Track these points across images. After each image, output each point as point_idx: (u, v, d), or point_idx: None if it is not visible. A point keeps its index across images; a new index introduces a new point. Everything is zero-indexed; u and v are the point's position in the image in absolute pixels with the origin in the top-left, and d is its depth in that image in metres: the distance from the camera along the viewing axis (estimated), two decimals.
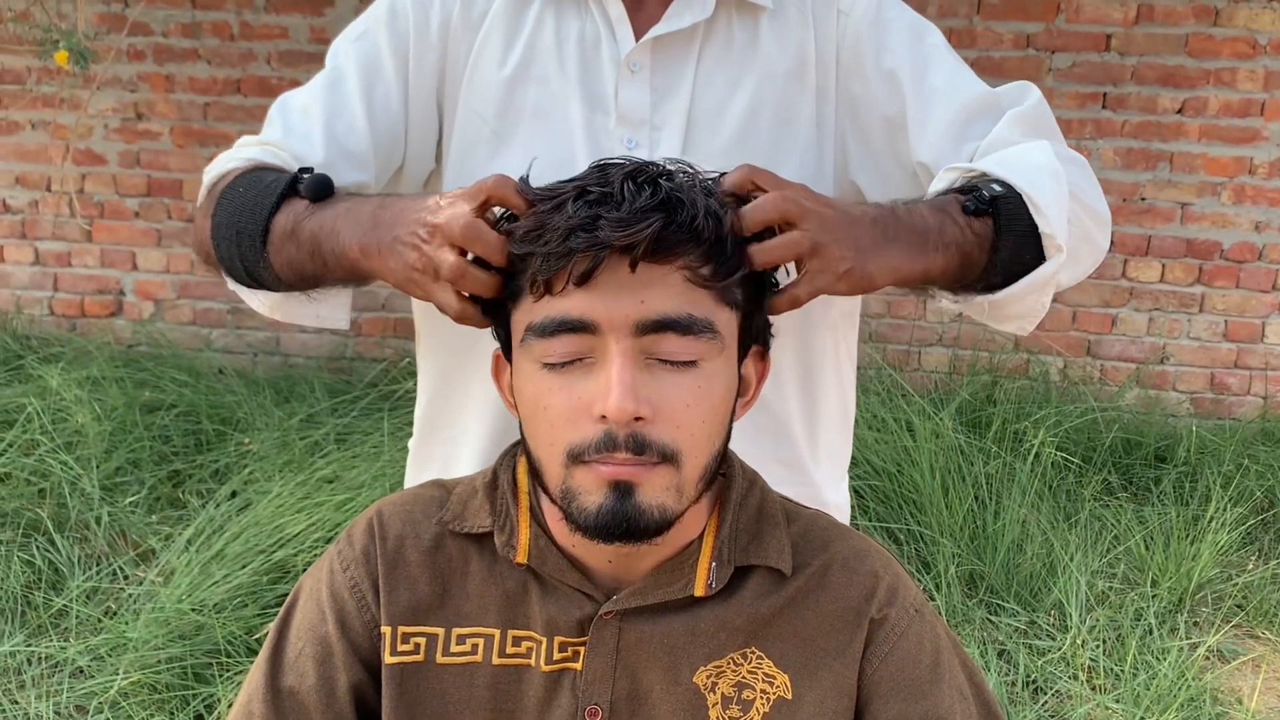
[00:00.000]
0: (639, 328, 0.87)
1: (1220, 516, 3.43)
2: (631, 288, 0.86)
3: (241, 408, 3.96)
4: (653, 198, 0.87)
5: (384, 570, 1.00)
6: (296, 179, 1.10)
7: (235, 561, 2.91)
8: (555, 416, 0.89)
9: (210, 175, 1.19)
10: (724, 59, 1.26)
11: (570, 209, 0.87)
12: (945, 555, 3.18)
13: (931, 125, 1.24)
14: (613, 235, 0.85)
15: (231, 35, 4.41)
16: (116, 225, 4.61)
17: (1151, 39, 4.13)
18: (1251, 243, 4.24)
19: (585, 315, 0.87)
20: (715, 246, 0.89)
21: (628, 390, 0.86)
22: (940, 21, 4.18)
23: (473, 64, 1.27)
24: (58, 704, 2.54)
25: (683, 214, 0.87)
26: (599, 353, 0.88)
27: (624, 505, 0.87)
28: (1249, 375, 4.35)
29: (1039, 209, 1.07)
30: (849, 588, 0.99)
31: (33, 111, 4.54)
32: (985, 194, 1.06)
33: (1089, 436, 4.00)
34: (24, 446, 3.52)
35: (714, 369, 0.91)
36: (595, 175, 0.91)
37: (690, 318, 0.88)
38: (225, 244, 1.13)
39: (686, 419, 0.89)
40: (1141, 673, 2.81)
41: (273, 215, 1.08)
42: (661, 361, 0.88)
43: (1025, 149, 1.16)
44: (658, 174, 0.90)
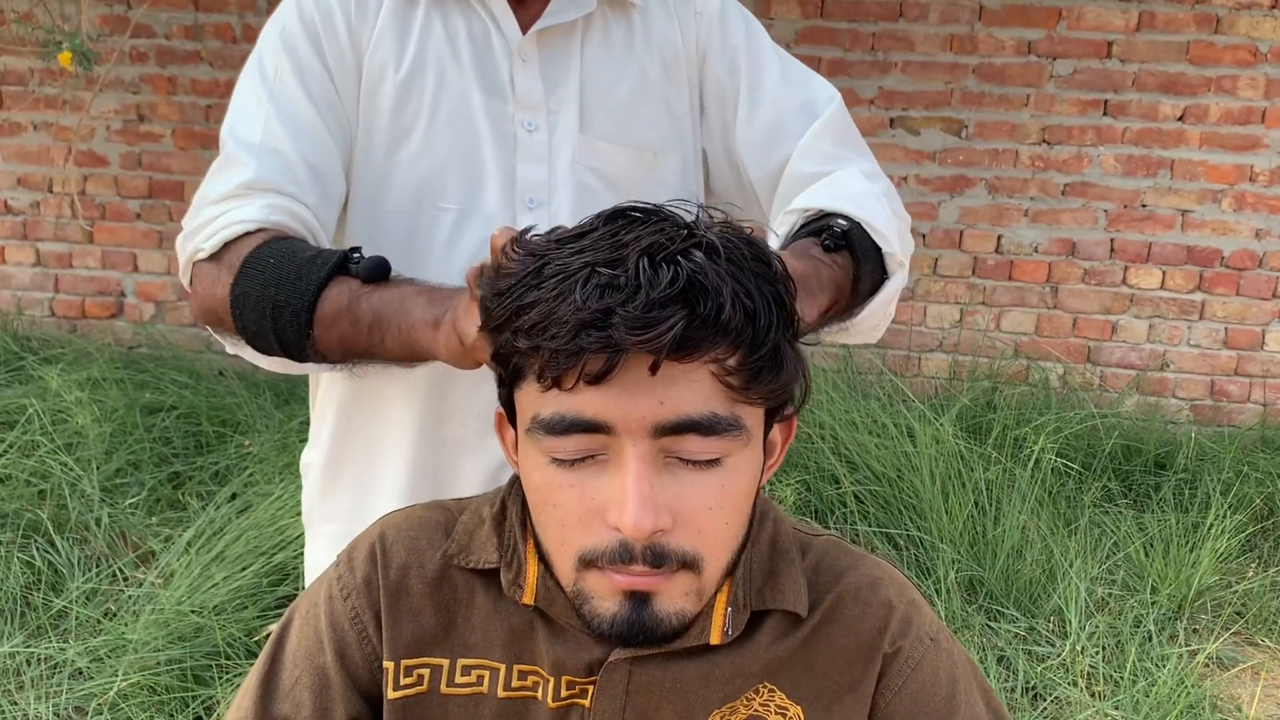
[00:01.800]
0: (658, 430, 0.79)
1: (1220, 524, 3.43)
2: (650, 386, 0.78)
3: (242, 410, 3.96)
4: (673, 284, 0.76)
5: (387, 602, 0.95)
6: (348, 257, 1.11)
7: (235, 563, 2.91)
8: (565, 516, 0.83)
9: (209, 239, 1.17)
10: (605, 48, 1.36)
11: (579, 296, 0.76)
12: (945, 561, 3.18)
13: (755, 124, 1.38)
14: (629, 337, 0.75)
15: (234, 37, 4.42)
16: (118, 227, 4.61)
17: (1153, 46, 4.13)
18: (1252, 250, 4.24)
19: (599, 416, 0.79)
20: (744, 334, 0.79)
21: (645, 504, 0.79)
22: (941, 28, 4.19)
23: (369, 60, 1.31)
24: (57, 705, 2.53)
25: (708, 304, 0.77)
26: (613, 451, 0.80)
27: (640, 615, 0.83)
28: (1249, 382, 4.35)
29: (879, 232, 1.21)
30: (862, 620, 0.96)
31: (35, 113, 4.54)
32: (836, 229, 1.18)
33: (1089, 443, 4.00)
34: (24, 448, 3.52)
35: (739, 462, 0.83)
36: (606, 244, 0.80)
37: (714, 417, 0.80)
38: (254, 315, 1.13)
39: (709, 523, 0.83)
40: (1141, 680, 2.81)
41: (321, 290, 1.09)
42: (682, 461, 0.81)
43: (842, 180, 1.30)
44: (677, 250, 0.79)
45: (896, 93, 4.27)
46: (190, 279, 1.22)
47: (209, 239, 1.17)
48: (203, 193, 1.25)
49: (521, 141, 1.33)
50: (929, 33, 4.21)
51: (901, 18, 4.21)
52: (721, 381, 0.79)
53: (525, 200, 1.34)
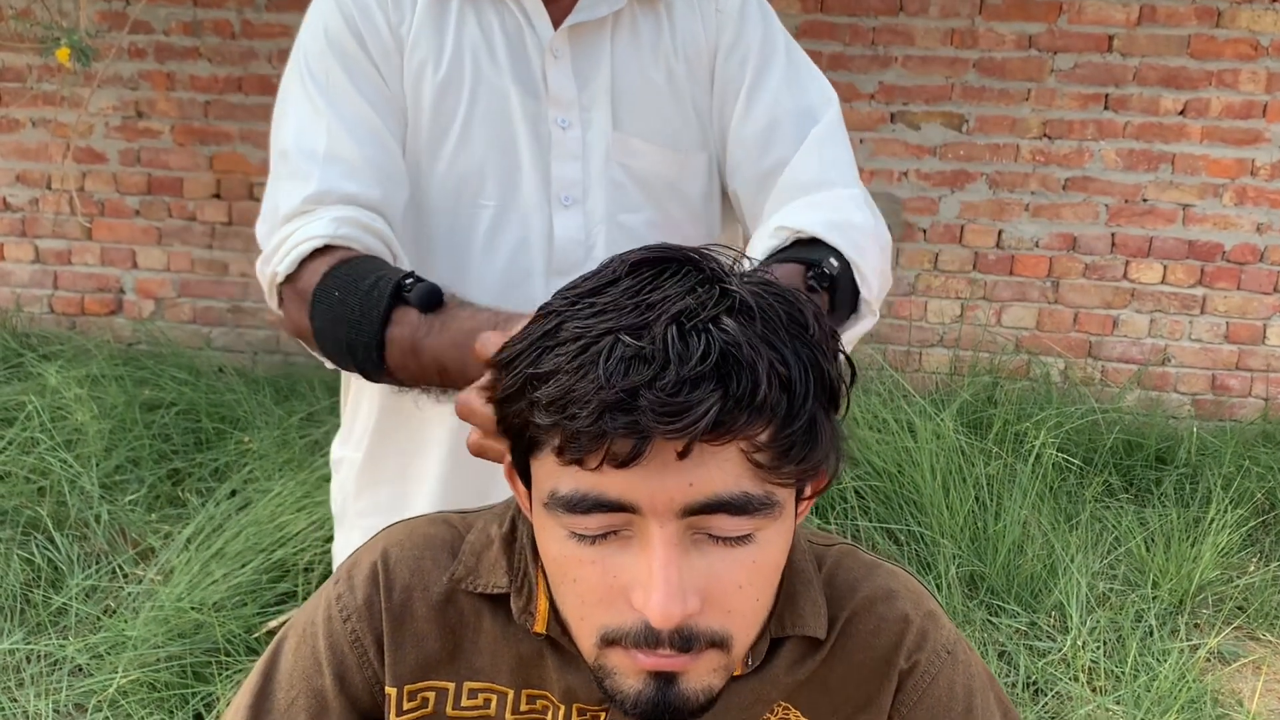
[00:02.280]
0: (686, 510, 0.74)
1: (1221, 518, 3.43)
2: (678, 467, 0.72)
3: (241, 406, 3.95)
4: (704, 360, 0.70)
5: (389, 626, 0.92)
6: (401, 286, 1.09)
7: (235, 560, 2.90)
8: (586, 593, 0.78)
9: (283, 261, 1.18)
10: (634, 45, 1.36)
11: (603, 372, 0.70)
12: (946, 556, 3.18)
13: (750, 122, 1.37)
14: (657, 425, 0.69)
15: (233, 33, 4.41)
16: (117, 223, 4.60)
17: (1154, 40, 4.13)
18: (1253, 244, 4.24)
19: (623, 497, 0.73)
20: (779, 414, 0.73)
21: (674, 594, 0.74)
22: (942, 22, 4.18)
23: (409, 56, 1.31)
24: (57, 702, 2.53)
25: (742, 383, 0.71)
26: (637, 529, 0.75)
27: (666, 694, 0.78)
28: (1250, 377, 4.34)
29: (865, 279, 1.23)
30: (878, 635, 0.93)
31: (33, 109, 4.54)
32: (826, 271, 1.18)
33: (1090, 438, 3.99)
34: (23, 444, 3.51)
35: (771, 535, 0.78)
36: (630, 304, 0.74)
37: (746, 496, 0.74)
38: (335, 353, 1.14)
39: (739, 601, 0.78)
40: (1142, 674, 2.81)
41: (384, 327, 1.08)
42: (711, 537, 0.76)
43: (842, 206, 1.29)
44: (709, 317, 0.72)
45: (897, 87, 4.26)
46: (278, 301, 1.23)
47: (283, 261, 1.18)
48: (271, 206, 1.25)
49: (556, 139, 1.34)
50: (929, 27, 4.20)
51: (902, 12, 4.20)
52: (750, 459, 0.73)
53: (561, 198, 1.35)
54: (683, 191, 1.40)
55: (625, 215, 1.38)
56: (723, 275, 0.76)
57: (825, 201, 1.30)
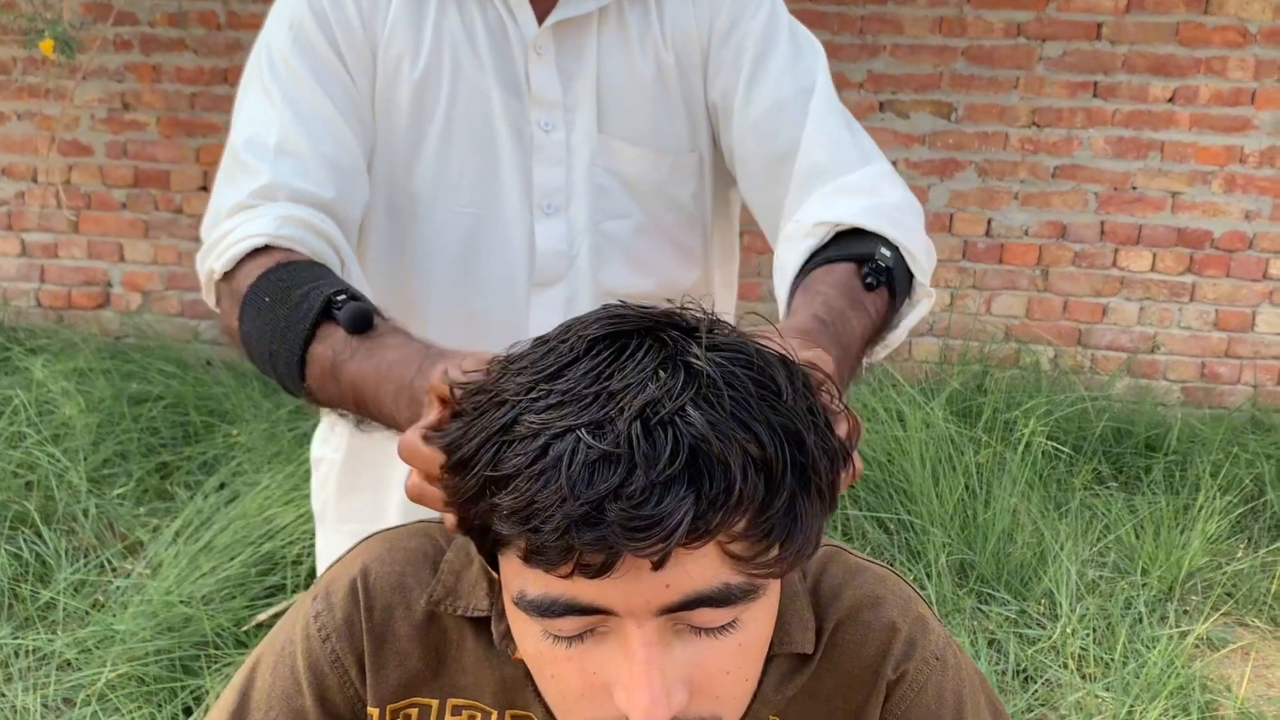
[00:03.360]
0: (664, 609, 0.70)
1: (1210, 505, 3.44)
2: (653, 573, 0.68)
3: (229, 399, 3.94)
4: (674, 459, 0.65)
5: (371, 646, 0.89)
6: (330, 302, 1.01)
7: (223, 553, 2.90)
8: (566, 689, 0.75)
9: (221, 259, 1.11)
10: (621, 41, 1.29)
11: (565, 481, 0.65)
12: (936, 544, 3.18)
13: (753, 107, 1.29)
14: (627, 541, 0.64)
15: (218, 25, 4.39)
16: (103, 216, 4.58)
17: (1142, 27, 4.12)
18: (1242, 232, 4.24)
19: (597, 603, 0.70)
20: (756, 501, 0.68)
21: (659, 698, 0.70)
22: (930, 10, 4.18)
23: (384, 51, 1.25)
24: (45, 696, 2.52)
25: (715, 482, 0.65)
26: (615, 626, 0.71)
27: None
28: (1239, 364, 4.35)
29: (916, 260, 1.15)
30: (865, 645, 0.91)
31: (18, 102, 4.51)
32: (881, 264, 1.11)
33: (1079, 426, 4.00)
34: (10, 438, 3.50)
35: (756, 614, 0.75)
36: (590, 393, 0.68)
37: (727, 589, 0.70)
38: (259, 359, 1.07)
39: (727, 686, 0.75)
40: (1131, 661, 2.81)
41: (309, 343, 1.01)
42: (693, 628, 0.72)
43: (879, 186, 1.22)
44: (674, 409, 0.66)
45: (885, 76, 4.25)
46: (215, 299, 1.16)
47: (220, 258, 1.11)
48: (215, 204, 1.18)
49: (538, 143, 1.28)
50: (918, 15, 4.20)
51: (890, 0, 4.20)
52: (726, 551, 0.69)
53: (543, 205, 1.29)
54: (671, 194, 1.34)
55: (610, 223, 1.32)
56: (685, 348, 0.70)
57: (859, 185, 1.22)
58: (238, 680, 0.93)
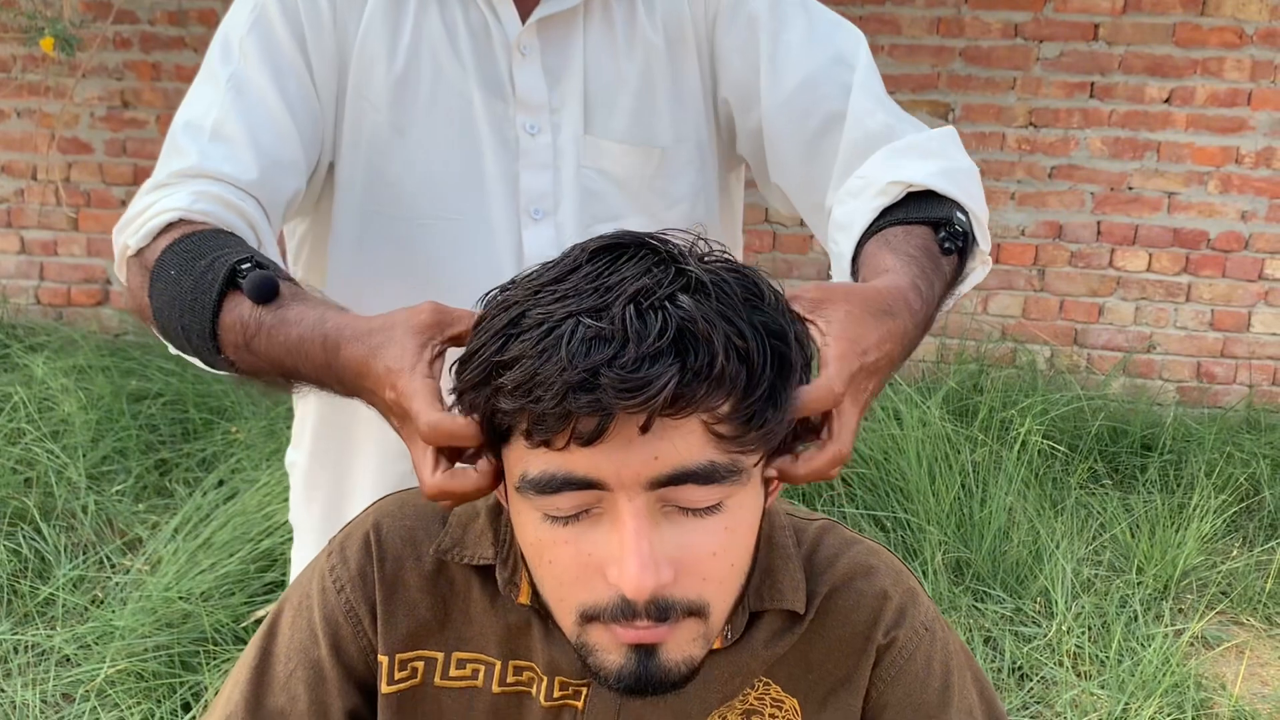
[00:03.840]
0: (653, 483, 0.75)
1: (1205, 504, 3.45)
2: (643, 442, 0.74)
3: (228, 396, 3.95)
4: (662, 335, 0.72)
5: (382, 595, 0.93)
6: (235, 271, 0.97)
7: (222, 550, 2.90)
8: (562, 573, 0.80)
9: (136, 234, 1.06)
10: (608, 36, 1.25)
11: (565, 353, 0.72)
12: (932, 543, 3.19)
13: (781, 87, 1.25)
14: (618, 400, 0.71)
15: (218, 23, 4.38)
16: (103, 214, 4.59)
17: (1139, 28, 4.14)
18: (1238, 232, 4.25)
19: (591, 474, 0.75)
20: (739, 386, 0.75)
21: (646, 565, 0.75)
22: (928, 11, 4.19)
23: (359, 50, 1.20)
24: (44, 692, 2.53)
25: (700, 356, 0.72)
26: (608, 505, 0.77)
27: (647, 666, 0.79)
28: (1235, 364, 4.37)
29: (982, 226, 1.13)
30: (856, 611, 0.94)
31: (18, 100, 4.52)
32: (959, 228, 1.08)
33: (1075, 425, 4.01)
34: (10, 435, 3.51)
35: (740, 502, 0.79)
36: (589, 288, 0.76)
37: (712, 466, 0.76)
38: (172, 335, 1.03)
39: (713, 568, 0.79)
40: (1126, 659, 2.83)
41: (217, 315, 0.97)
42: (681, 509, 0.77)
43: (948, 150, 1.18)
44: (665, 295, 0.74)
45: (883, 76, 4.22)
46: (125, 275, 1.11)
47: (135, 234, 1.07)
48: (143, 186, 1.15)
49: (524, 147, 1.24)
50: (915, 15, 4.21)
51: (888, 1, 4.21)
52: (712, 431, 0.75)
53: (530, 211, 1.25)
54: (665, 190, 1.29)
55: (601, 225, 1.25)
56: (679, 256, 0.78)
57: (928, 146, 1.17)
58: (258, 639, 0.97)
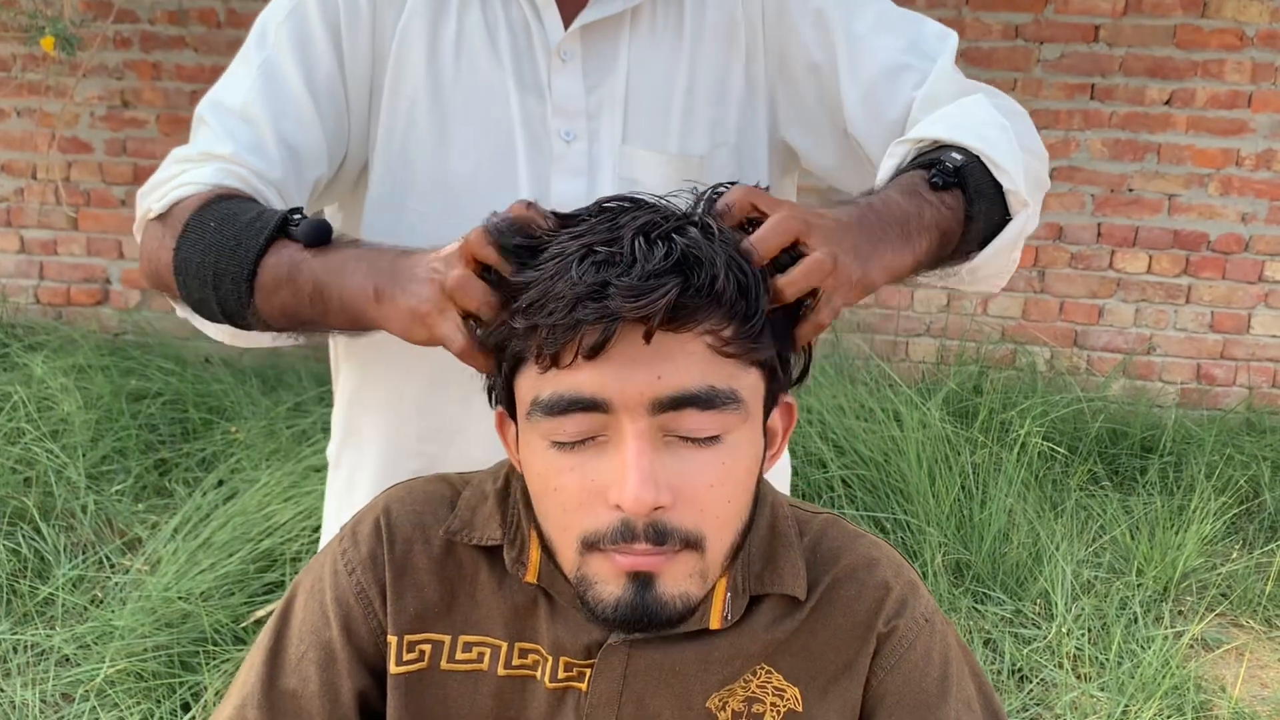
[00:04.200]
0: (656, 405, 0.79)
1: (1205, 506, 3.45)
2: (646, 360, 0.78)
3: (228, 396, 3.95)
4: (667, 258, 0.78)
5: (392, 576, 0.95)
6: (287, 219, 1.02)
7: (222, 550, 2.90)
8: (567, 500, 0.83)
9: (161, 200, 1.10)
10: (653, 41, 1.22)
11: (575, 273, 0.78)
12: (932, 544, 3.19)
13: (860, 79, 1.22)
14: (624, 306, 0.76)
15: (218, 22, 4.39)
16: (102, 213, 4.59)
17: (1140, 30, 4.14)
18: (1238, 234, 4.26)
19: (596, 394, 0.79)
20: (738, 306, 0.81)
21: (645, 479, 0.79)
22: (929, 12, 4.17)
23: (398, 45, 1.20)
24: (44, 692, 2.53)
25: (701, 275, 0.78)
26: (612, 430, 0.80)
27: (644, 598, 0.82)
28: (1234, 366, 4.37)
29: (1000, 167, 1.08)
30: (858, 600, 0.96)
31: (18, 99, 4.51)
32: (949, 165, 1.05)
33: (1075, 426, 4.01)
34: (9, 435, 3.51)
35: (738, 439, 0.83)
36: (603, 227, 0.82)
37: (712, 390, 0.80)
38: (195, 282, 1.05)
39: (710, 500, 0.82)
40: (1126, 661, 2.83)
41: (260, 257, 1.01)
42: (682, 439, 0.81)
43: (964, 106, 1.15)
44: (671, 228, 0.80)
45: None
46: (141, 238, 1.15)
47: (160, 199, 1.10)
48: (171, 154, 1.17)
49: (558, 153, 1.21)
50: None
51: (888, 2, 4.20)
52: (717, 349, 0.80)
53: None
54: None
55: None
56: (684, 212, 0.85)
57: (947, 111, 1.15)
58: (273, 622, 0.99)
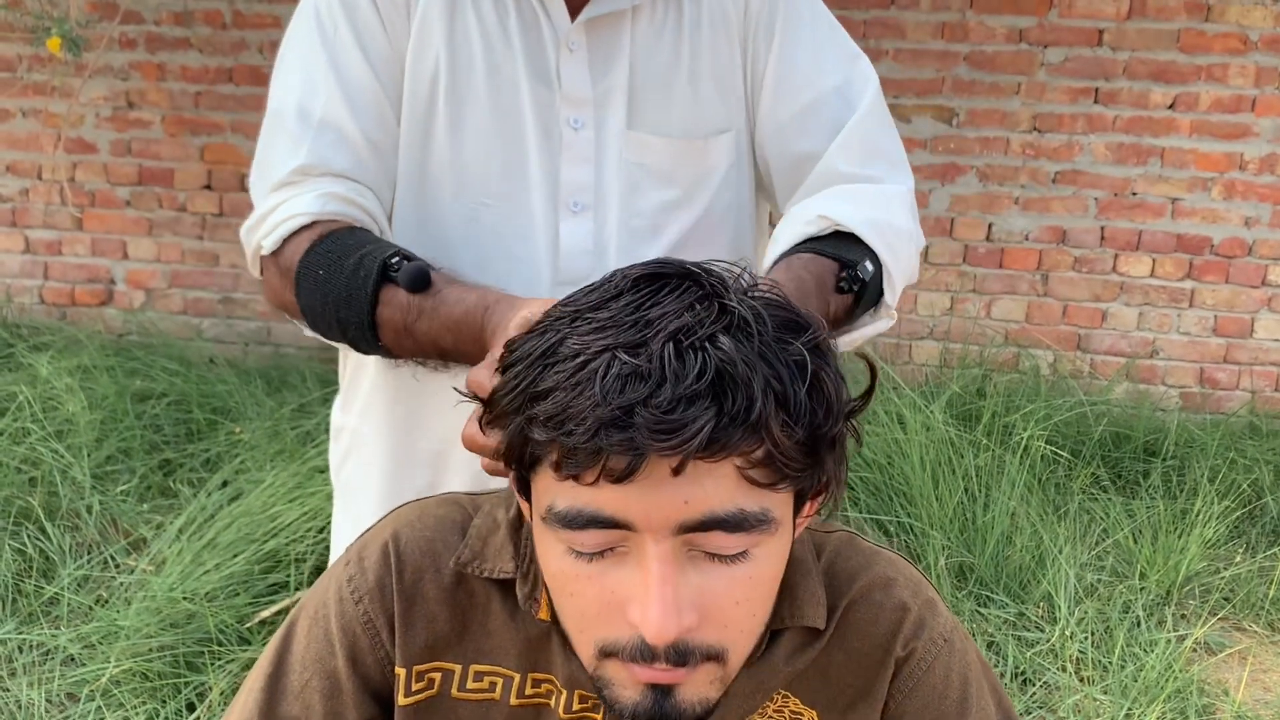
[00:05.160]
0: (681, 528, 0.74)
1: (1207, 510, 3.45)
2: (674, 485, 0.73)
3: (233, 397, 3.95)
4: (700, 378, 0.70)
5: (401, 607, 0.93)
6: (387, 266, 1.08)
7: (227, 550, 2.91)
8: (585, 607, 0.79)
9: (269, 236, 1.17)
10: (655, 32, 1.28)
11: (599, 389, 0.71)
12: (935, 547, 3.20)
13: (784, 103, 1.30)
14: (652, 441, 0.70)
15: (224, 24, 4.40)
16: (107, 214, 4.60)
17: (1143, 34, 4.14)
18: (1241, 238, 4.26)
19: (619, 514, 0.74)
20: (776, 435, 0.74)
21: (669, 610, 0.74)
22: (933, 15, 4.19)
23: (418, 26, 1.24)
24: (49, 692, 2.54)
25: (737, 401, 0.71)
26: (634, 545, 0.76)
27: (663, 706, 0.79)
28: (1238, 370, 4.37)
29: (893, 284, 1.21)
30: (876, 624, 0.94)
31: (24, 99, 4.52)
32: (861, 276, 1.16)
33: (1078, 430, 4.01)
34: (14, 435, 3.51)
35: (767, 552, 0.79)
36: (629, 320, 0.74)
37: (741, 514, 0.75)
38: (325, 326, 1.15)
39: (735, 616, 0.79)
40: (1129, 664, 2.83)
41: (374, 308, 1.09)
42: (707, 554, 0.77)
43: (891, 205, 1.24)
44: (705, 335, 0.72)
45: (888, 80, 4.26)
46: (259, 271, 1.22)
47: (268, 235, 1.17)
48: (264, 162, 1.22)
49: (567, 140, 1.26)
50: (920, 20, 4.21)
51: (893, 5, 4.21)
52: (745, 476, 0.74)
53: (569, 204, 1.27)
54: (706, 180, 1.32)
55: (641, 219, 1.30)
56: (722, 290, 0.77)
57: (871, 196, 1.23)
58: (273, 645, 0.96)
